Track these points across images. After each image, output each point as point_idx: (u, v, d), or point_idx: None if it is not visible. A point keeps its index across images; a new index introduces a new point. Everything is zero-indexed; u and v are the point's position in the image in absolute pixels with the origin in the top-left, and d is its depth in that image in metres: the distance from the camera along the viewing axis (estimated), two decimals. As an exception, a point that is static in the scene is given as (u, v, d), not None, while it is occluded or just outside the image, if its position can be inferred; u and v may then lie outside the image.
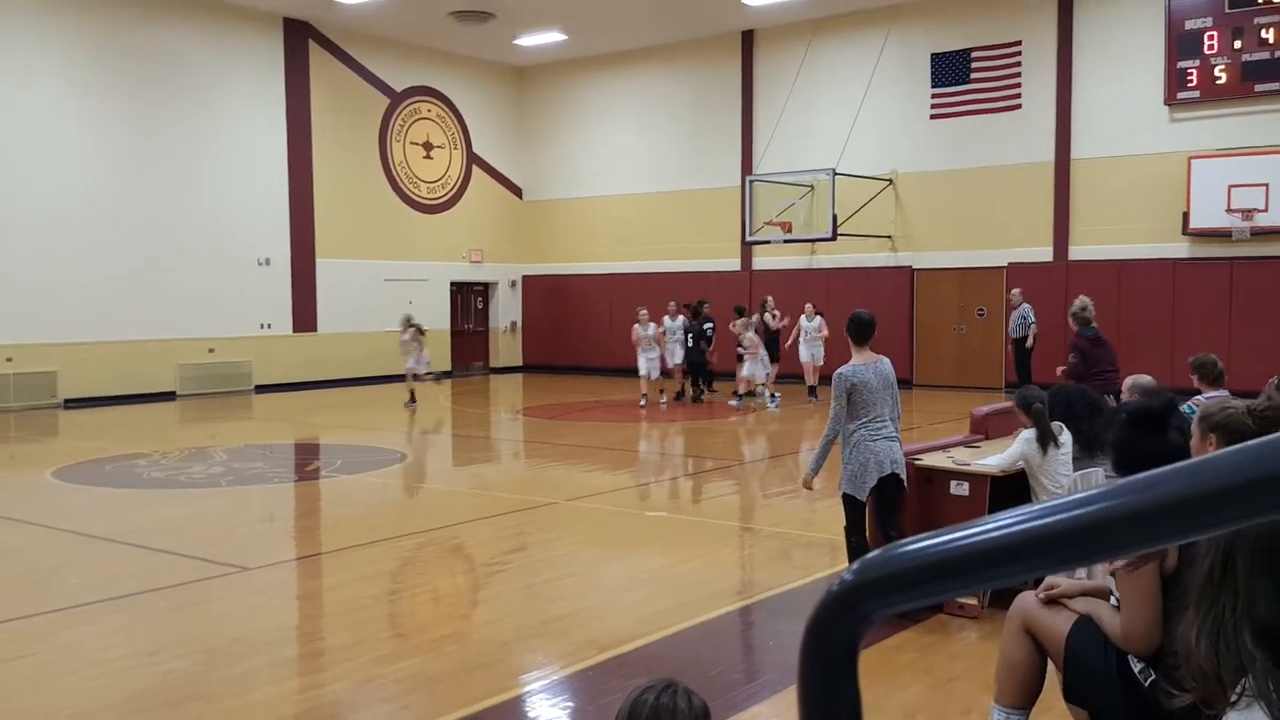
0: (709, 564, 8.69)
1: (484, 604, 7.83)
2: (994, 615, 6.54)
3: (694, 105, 26.15)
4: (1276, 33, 19.04)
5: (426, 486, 12.74)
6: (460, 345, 28.09)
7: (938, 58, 22.61)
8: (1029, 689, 4.40)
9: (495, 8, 23.00)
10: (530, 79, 28.92)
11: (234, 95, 22.97)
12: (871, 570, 1.04)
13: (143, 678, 6.01)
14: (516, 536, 9.84)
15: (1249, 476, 0.96)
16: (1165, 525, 1.01)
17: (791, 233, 22.51)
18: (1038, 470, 6.85)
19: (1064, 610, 4.21)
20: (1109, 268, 20.62)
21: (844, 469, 7.07)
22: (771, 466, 14.26)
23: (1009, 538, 1.02)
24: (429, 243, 26.97)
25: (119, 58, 21.12)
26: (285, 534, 10.48)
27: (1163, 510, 0.99)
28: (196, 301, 22.23)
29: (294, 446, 16.28)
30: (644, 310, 20.67)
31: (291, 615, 7.58)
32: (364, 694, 5.78)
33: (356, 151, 25.42)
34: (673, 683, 2.47)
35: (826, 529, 9.84)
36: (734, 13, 23.66)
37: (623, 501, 11.55)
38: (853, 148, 22.99)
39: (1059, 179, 21.38)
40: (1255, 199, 18.99)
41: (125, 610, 7.43)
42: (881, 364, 7.12)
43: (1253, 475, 0.95)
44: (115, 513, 11.01)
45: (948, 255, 22.64)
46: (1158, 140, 20.28)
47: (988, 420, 8.95)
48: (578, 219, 28.25)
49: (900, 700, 5.55)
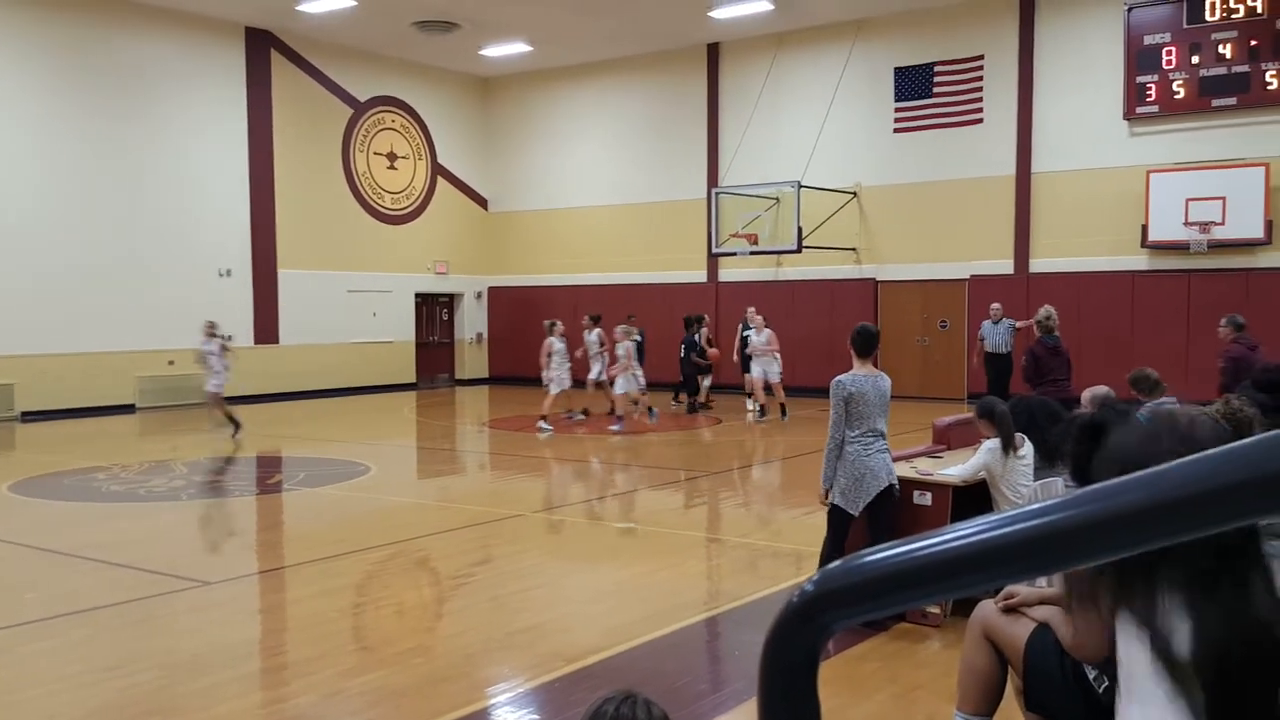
0: (675, 575, 8.69)
1: (449, 616, 7.80)
2: (957, 624, 6.57)
3: (660, 118, 26.21)
4: (1234, 48, 19.31)
5: (391, 499, 12.67)
6: (425, 357, 27.99)
7: (901, 71, 22.78)
8: (990, 696, 4.43)
9: (460, 18, 22.98)
10: (496, 90, 28.89)
11: (195, 105, 22.81)
12: (832, 581, 1.04)
13: (103, 693, 5.94)
14: (482, 549, 9.80)
15: (1206, 487, 0.97)
16: (1123, 535, 1.03)
17: (757, 245, 22.58)
18: (999, 480, 6.91)
19: (1023, 618, 4.25)
20: (1069, 280, 20.81)
21: (836, 482, 7.07)
22: (740, 478, 14.28)
23: (969, 548, 1.03)
24: (393, 254, 26.87)
25: (77, 68, 20.92)
26: (247, 548, 10.40)
27: (1121, 520, 1.00)
28: (156, 313, 22.01)
29: (256, 459, 16.15)
30: (558, 323, 19.68)
31: (254, 629, 7.52)
32: (328, 708, 5.74)
33: (319, 162, 25.29)
34: (632, 693, 2.47)
35: (793, 539, 9.87)
36: (699, 26, 23.74)
37: (589, 513, 11.53)
38: (817, 160, 23.11)
39: (1020, 192, 21.57)
40: (1212, 212, 19.23)
41: (85, 625, 7.34)
42: (881, 379, 7.12)
43: (1209, 485, 0.97)
44: (74, 527, 10.88)
45: (911, 268, 22.79)
46: (1117, 154, 20.51)
47: (950, 431, 9.01)
48: (544, 230, 28.22)
49: (864, 710, 5.57)
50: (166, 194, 22.34)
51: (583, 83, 27.25)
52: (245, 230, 23.79)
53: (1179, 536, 1.07)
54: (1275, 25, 18.93)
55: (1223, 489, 0.96)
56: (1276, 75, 18.97)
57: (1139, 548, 1.04)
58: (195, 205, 22.81)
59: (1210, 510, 0.99)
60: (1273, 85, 19.02)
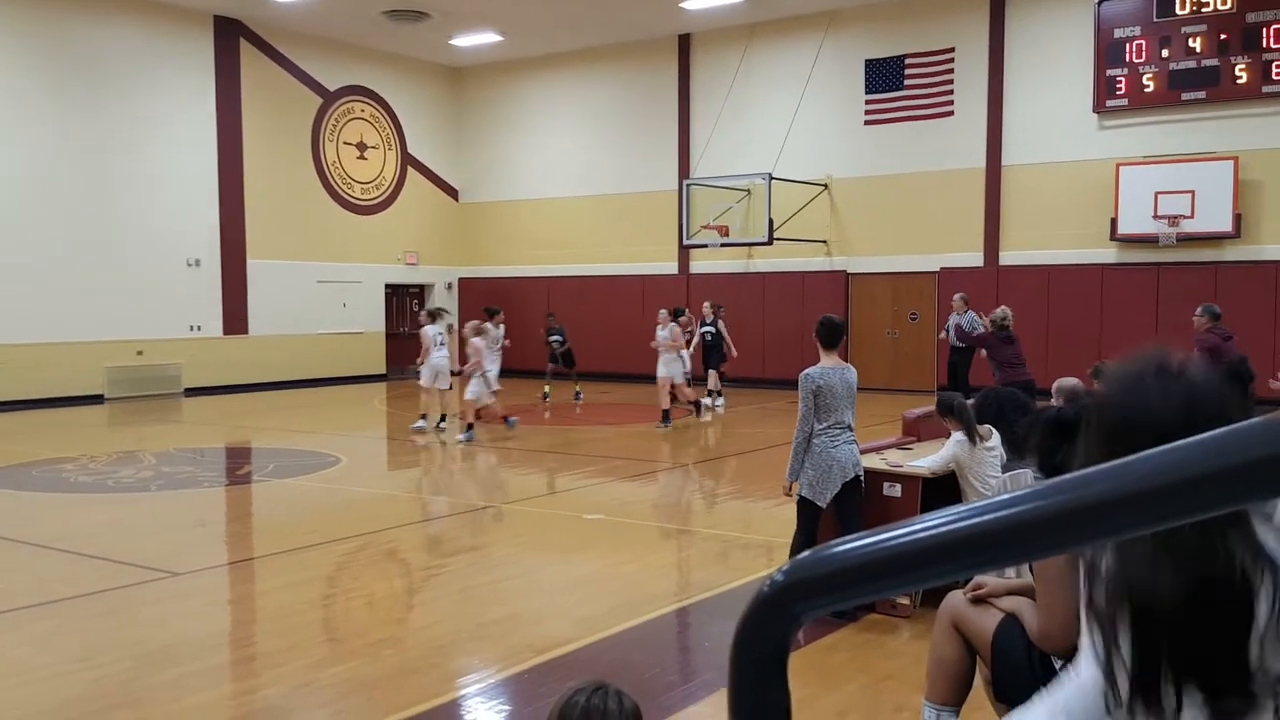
0: (646, 566, 8.70)
1: (420, 608, 7.78)
2: (926, 614, 6.61)
3: (631, 108, 26.18)
4: (1203, 42, 19.45)
5: (361, 490, 12.62)
6: (395, 348, 27.86)
7: (872, 64, 22.83)
8: (959, 686, 4.46)
9: (430, 7, 22.86)
10: (466, 80, 28.78)
11: (163, 93, 22.61)
12: (802, 571, 1.05)
13: (71, 685, 5.90)
14: (453, 540, 9.79)
15: (1172, 478, 0.98)
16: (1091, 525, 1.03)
17: (728, 237, 22.60)
18: (968, 472, 6.96)
19: (991, 609, 4.28)
20: (1039, 273, 20.95)
21: (804, 474, 7.11)
22: (710, 469, 14.31)
23: (939, 538, 1.03)
24: (363, 244, 26.74)
25: (44, 56, 20.70)
26: (216, 538, 10.34)
27: (1088, 511, 1.01)
28: (124, 303, 21.83)
29: (225, 450, 16.05)
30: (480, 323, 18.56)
31: (224, 620, 7.48)
32: (298, 699, 5.72)
33: (289, 151, 25.13)
34: (603, 684, 2.48)
35: (763, 530, 9.90)
36: (671, 16, 23.72)
37: (560, 504, 11.53)
38: (789, 152, 23.14)
39: (990, 185, 21.68)
40: (1181, 206, 19.39)
41: (52, 616, 7.29)
42: (848, 371, 7.17)
43: (1175, 477, 0.98)
44: (41, 518, 10.80)
45: (881, 260, 22.86)
46: (1087, 147, 20.64)
47: (919, 423, 9.06)
48: (515, 221, 28.15)
49: (834, 700, 5.60)
50: (134, 183, 22.15)
51: (554, 73, 27.18)
52: (214, 220, 23.61)
53: (1147, 527, 1.07)
54: (1244, 19, 19.08)
55: (1188, 480, 0.97)
56: (1245, 69, 19.13)
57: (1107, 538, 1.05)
58: (163, 195, 22.62)
59: (1178, 501, 0.99)
60: (1242, 79, 19.19)
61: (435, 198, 28.74)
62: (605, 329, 25.69)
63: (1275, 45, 18.89)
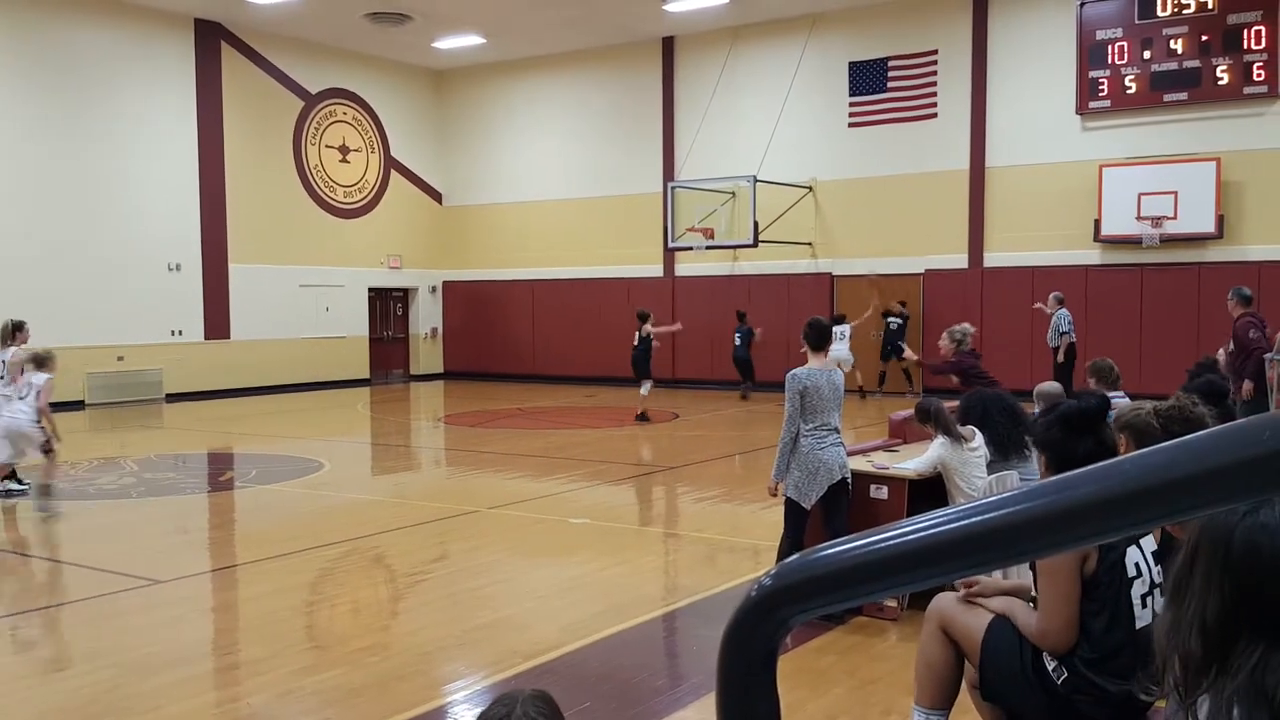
0: (633, 570, 8.68)
1: (405, 614, 7.75)
2: (914, 617, 6.61)
3: (615, 111, 26.17)
4: (1185, 43, 19.55)
5: (346, 496, 12.58)
6: (379, 352, 27.81)
7: (855, 66, 22.88)
8: (947, 690, 4.45)
9: (412, 10, 22.82)
10: (449, 82, 28.73)
11: (143, 97, 22.50)
12: (789, 575, 1.03)
13: (52, 694, 5.85)
14: (438, 545, 9.75)
15: (1159, 479, 0.97)
16: (1078, 527, 1.03)
17: (714, 239, 22.61)
18: (954, 474, 6.97)
19: (980, 610, 4.27)
20: (1022, 274, 21.01)
21: (789, 475, 7.11)
22: (696, 471, 14.29)
23: (926, 541, 1.02)
24: (346, 248, 26.65)
25: (22, 58, 20.57)
26: (199, 545, 10.28)
27: (1075, 512, 1.00)
28: (105, 308, 21.71)
29: (207, 456, 15.98)
30: None
31: (206, 628, 7.43)
32: (282, 707, 5.68)
33: (270, 155, 25.04)
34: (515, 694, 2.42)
35: (750, 533, 9.89)
36: (654, 19, 23.72)
37: (546, 509, 11.50)
38: (773, 155, 23.16)
39: (974, 187, 21.74)
40: (1164, 207, 19.47)
41: (32, 625, 7.23)
42: (835, 374, 7.23)
43: (1162, 478, 0.97)
44: (22, 525, 10.72)
45: (866, 262, 22.89)
46: (1070, 149, 20.71)
47: (905, 425, 9.07)
48: (499, 225, 28.10)
49: (822, 704, 5.58)
50: (114, 187, 22.03)
51: (537, 76, 27.15)
52: (195, 224, 23.50)
53: (1133, 529, 1.07)
54: (1225, 20, 19.18)
55: (1175, 481, 0.96)
56: (1227, 70, 19.23)
57: (1094, 540, 1.04)
58: (144, 199, 22.51)
59: (1163, 503, 0.99)
60: (1224, 80, 19.29)
61: (418, 201, 28.68)
62: (590, 333, 25.69)
63: (1256, 46, 19.00)
